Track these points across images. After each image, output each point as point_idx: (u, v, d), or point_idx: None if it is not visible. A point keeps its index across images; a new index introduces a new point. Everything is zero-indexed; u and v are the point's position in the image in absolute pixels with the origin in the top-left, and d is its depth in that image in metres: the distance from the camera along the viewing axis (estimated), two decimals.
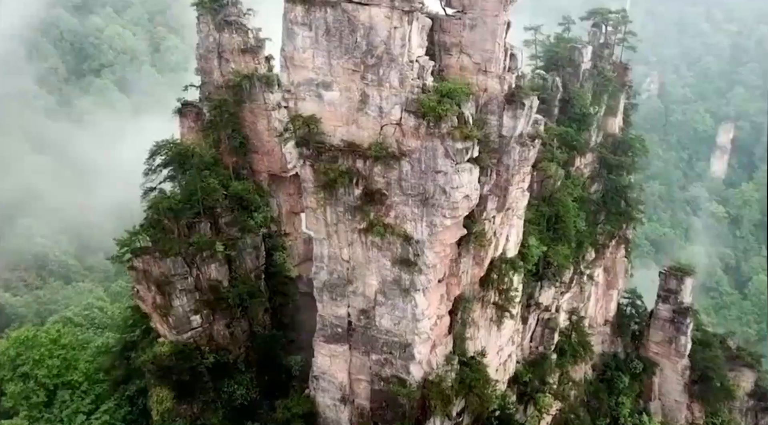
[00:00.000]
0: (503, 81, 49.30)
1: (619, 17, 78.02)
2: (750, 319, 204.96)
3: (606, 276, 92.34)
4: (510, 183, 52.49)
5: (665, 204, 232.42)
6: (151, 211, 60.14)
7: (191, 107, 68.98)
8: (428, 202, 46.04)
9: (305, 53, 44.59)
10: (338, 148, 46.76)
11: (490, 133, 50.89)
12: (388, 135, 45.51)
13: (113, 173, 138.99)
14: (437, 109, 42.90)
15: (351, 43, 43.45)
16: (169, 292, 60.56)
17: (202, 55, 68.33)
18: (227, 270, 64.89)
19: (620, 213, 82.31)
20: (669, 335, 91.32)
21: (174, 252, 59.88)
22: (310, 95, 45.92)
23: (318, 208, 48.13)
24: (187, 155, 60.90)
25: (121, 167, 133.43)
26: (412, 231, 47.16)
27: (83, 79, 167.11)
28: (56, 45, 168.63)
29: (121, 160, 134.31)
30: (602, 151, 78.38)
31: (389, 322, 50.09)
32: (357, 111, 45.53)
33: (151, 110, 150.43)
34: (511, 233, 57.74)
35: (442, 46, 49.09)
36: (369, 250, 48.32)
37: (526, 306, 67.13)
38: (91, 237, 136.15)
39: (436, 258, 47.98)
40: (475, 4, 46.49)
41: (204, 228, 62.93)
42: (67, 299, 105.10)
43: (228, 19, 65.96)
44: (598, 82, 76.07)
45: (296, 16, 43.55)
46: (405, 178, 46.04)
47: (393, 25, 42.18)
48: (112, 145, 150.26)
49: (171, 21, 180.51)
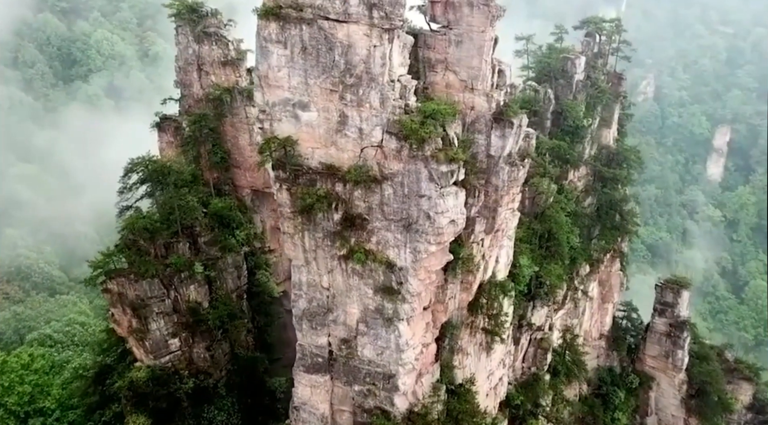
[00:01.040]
0: (491, 99, 47.02)
1: (613, 26, 75.68)
2: (747, 324, 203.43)
3: (601, 290, 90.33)
4: (499, 204, 50.18)
5: (661, 208, 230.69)
6: (125, 232, 57.76)
7: (170, 121, 66.64)
8: (412, 227, 43.69)
9: (280, 72, 42.20)
10: (316, 170, 44.39)
11: (478, 152, 48.67)
12: (368, 157, 43.16)
13: (100, 181, 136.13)
14: (420, 131, 40.57)
15: (328, 61, 41.08)
16: (145, 316, 58.33)
17: (182, 67, 66.03)
18: (207, 291, 62.70)
19: (615, 227, 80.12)
20: (666, 349, 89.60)
21: (150, 274, 57.64)
22: (286, 116, 43.52)
23: (296, 234, 45.75)
24: (163, 173, 58.45)
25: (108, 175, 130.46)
26: (395, 257, 44.78)
27: (70, 85, 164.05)
28: (43, 50, 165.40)
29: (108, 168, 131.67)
30: (596, 164, 76.11)
31: (372, 352, 47.72)
32: (336, 132, 43.16)
33: (139, 116, 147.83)
34: (501, 254, 55.47)
35: (427, 63, 46.81)
36: (350, 278, 45.95)
37: (517, 326, 64.93)
38: (76, 247, 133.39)
39: (420, 285, 45.64)
40: (461, 19, 44.22)
41: (182, 248, 60.67)
42: (49, 313, 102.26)
43: (207, 30, 63.61)
44: (591, 93, 73.85)
45: (270, 33, 41.16)
46: (387, 202, 43.67)
47: (372, 44, 39.85)
48: (100, 152, 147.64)
49: (160, 25, 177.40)
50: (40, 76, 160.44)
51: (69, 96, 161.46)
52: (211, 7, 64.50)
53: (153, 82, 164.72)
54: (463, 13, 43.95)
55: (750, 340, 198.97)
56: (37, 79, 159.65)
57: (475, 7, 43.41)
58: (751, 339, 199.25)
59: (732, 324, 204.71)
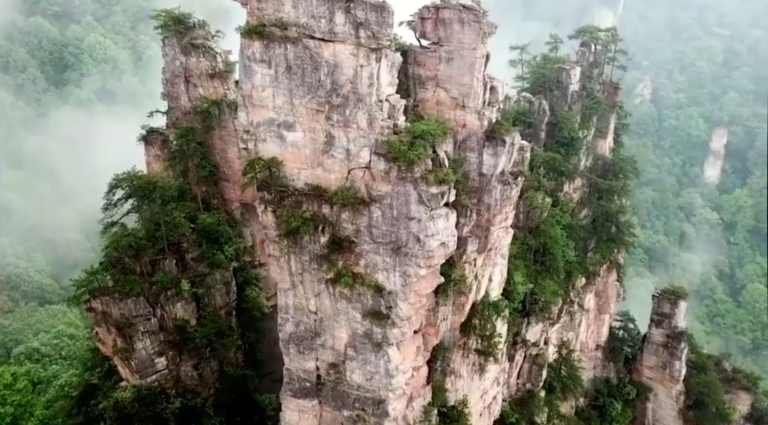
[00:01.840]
0: (482, 116, 45.77)
1: (608, 36, 74.39)
2: (745, 327, 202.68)
3: (597, 301, 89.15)
4: (492, 223, 48.93)
5: (659, 211, 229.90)
6: (110, 249, 56.39)
7: (157, 135, 65.17)
8: (401, 250, 42.44)
9: (264, 92, 40.93)
10: (302, 192, 43.16)
11: (470, 170, 47.45)
12: (356, 179, 41.90)
13: (92, 187, 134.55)
14: (408, 154, 39.30)
15: (314, 81, 39.83)
16: (130, 335, 56.98)
17: (169, 79, 64.55)
18: (195, 308, 61.35)
19: (611, 239, 78.83)
20: (663, 360, 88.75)
21: (135, 293, 56.32)
22: (271, 136, 42.27)
23: (281, 257, 44.48)
24: (148, 189, 57.06)
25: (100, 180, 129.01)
26: (383, 281, 43.53)
27: (62, 89, 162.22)
28: (34, 54, 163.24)
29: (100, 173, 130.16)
30: (592, 176, 74.81)
31: (361, 377, 46.48)
32: (322, 153, 41.90)
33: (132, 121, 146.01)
34: (494, 273, 54.22)
35: (417, 80, 45.53)
36: (337, 302, 44.68)
37: (512, 343, 63.71)
38: (67, 254, 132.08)
39: (410, 309, 44.40)
40: (451, 36, 42.94)
41: (169, 265, 59.32)
42: (38, 323, 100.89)
43: (195, 42, 62.09)
44: (587, 104, 72.56)
45: (254, 52, 39.90)
46: (375, 224, 42.42)
47: (359, 64, 38.59)
48: (92, 157, 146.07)
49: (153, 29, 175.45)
50: (31, 80, 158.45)
51: (61, 101, 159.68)
52: (199, 18, 63.02)
53: (146, 86, 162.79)
54: (453, 30, 42.68)
55: (747, 344, 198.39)
56: (28, 84, 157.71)
57: (465, 24, 42.15)
58: (749, 343, 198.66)
59: (729, 328, 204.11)
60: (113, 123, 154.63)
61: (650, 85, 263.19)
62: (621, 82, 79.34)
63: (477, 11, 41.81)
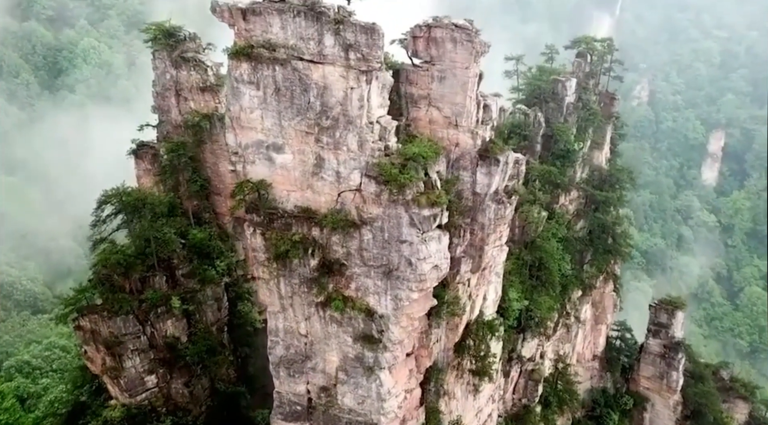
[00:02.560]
0: (476, 135, 45.00)
1: (604, 46, 73.58)
2: (742, 330, 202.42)
3: (594, 312, 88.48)
4: (486, 242, 48.14)
5: (656, 213, 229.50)
6: (98, 267, 55.49)
7: (147, 149, 64.10)
8: (392, 274, 41.63)
9: (253, 113, 40.13)
10: (292, 214, 42.36)
11: (463, 189, 46.69)
12: (346, 201, 41.10)
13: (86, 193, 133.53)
14: (399, 178, 38.49)
15: (303, 103, 39.04)
16: (119, 353, 56.01)
17: (159, 92, 63.44)
18: (185, 325, 60.35)
19: (607, 251, 78.09)
20: (660, 370, 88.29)
21: (125, 311, 55.35)
22: (259, 158, 41.50)
23: (271, 280, 43.73)
24: (137, 206, 56.16)
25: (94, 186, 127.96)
26: (375, 305, 42.72)
27: (56, 94, 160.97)
28: (28, 59, 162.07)
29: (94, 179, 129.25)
30: (588, 188, 74.02)
31: (352, 401, 45.66)
32: (312, 175, 41.11)
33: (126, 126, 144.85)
34: (488, 291, 53.44)
35: (409, 98, 44.73)
36: (328, 325, 43.87)
37: (507, 360, 62.96)
38: (61, 262, 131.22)
39: (402, 333, 43.60)
40: (443, 55, 42.13)
41: (159, 282, 58.32)
42: (30, 334, 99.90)
43: (185, 55, 60.97)
44: (582, 115, 71.77)
45: (242, 74, 39.07)
46: (366, 247, 41.59)
47: (349, 86, 37.78)
48: (86, 163, 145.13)
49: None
50: (25, 85, 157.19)
51: (55, 106, 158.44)
52: (189, 31, 62.02)
53: (140, 91, 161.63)
54: (446, 49, 41.88)
55: (745, 347, 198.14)
56: (21, 89, 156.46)
57: (458, 43, 41.34)
58: (746, 346, 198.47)
59: (727, 331, 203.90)
60: (107, 128, 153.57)
61: (647, 88, 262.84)
62: (617, 92, 78.54)
63: (469, 30, 40.99)
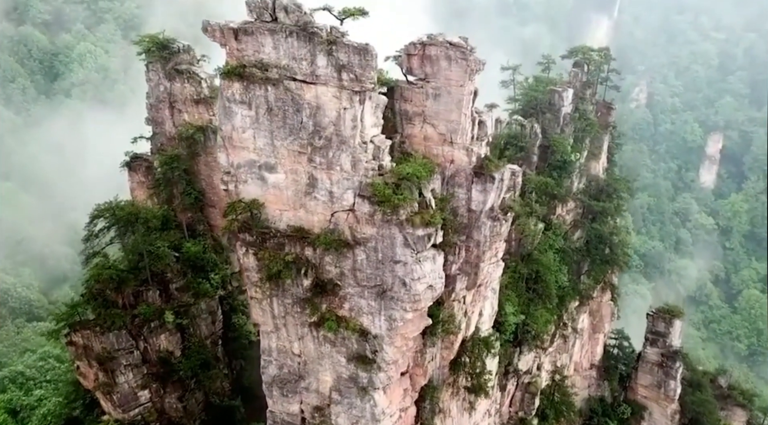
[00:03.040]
0: (471, 153, 44.49)
1: (601, 56, 73.07)
2: (740, 333, 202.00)
3: (591, 321, 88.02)
4: (481, 259, 47.69)
5: (654, 216, 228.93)
6: (91, 282, 55.09)
7: (141, 161, 63.84)
8: (386, 294, 41.19)
9: (245, 133, 39.64)
10: (285, 233, 41.87)
11: (458, 206, 46.21)
12: (340, 221, 40.63)
13: (82, 198, 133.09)
14: (393, 199, 38.03)
15: (296, 123, 38.56)
16: (112, 369, 55.91)
17: (153, 104, 63.15)
18: (179, 339, 60.24)
19: (605, 261, 77.60)
20: (658, 379, 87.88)
21: (117, 326, 55.12)
22: (252, 177, 41.00)
23: (264, 299, 43.25)
24: (130, 220, 55.74)
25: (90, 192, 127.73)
26: (369, 325, 42.29)
27: (53, 99, 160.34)
28: (24, 64, 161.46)
29: (90, 184, 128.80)
30: (584, 199, 73.53)
31: (346, 421, 45.23)
32: (305, 195, 40.64)
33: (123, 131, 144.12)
34: (484, 307, 52.97)
35: (404, 115, 44.23)
36: (321, 345, 43.43)
37: (504, 373, 62.49)
38: (57, 268, 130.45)
39: (397, 353, 43.17)
40: (438, 73, 41.63)
41: (152, 296, 58.16)
42: (24, 342, 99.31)
43: (179, 67, 60.66)
44: (579, 126, 71.26)
45: (234, 93, 38.58)
46: (360, 268, 41.15)
47: (342, 106, 37.31)
48: (82, 168, 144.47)
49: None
50: (21, 90, 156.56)
51: (51, 110, 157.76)
52: (183, 43, 61.62)
53: (136, 95, 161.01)
54: (440, 66, 41.41)
55: (743, 350, 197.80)
56: (17, 94, 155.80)
57: (453, 61, 40.86)
58: (745, 349, 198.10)
59: (725, 334, 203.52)
60: (104, 133, 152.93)
61: (645, 90, 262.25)
62: (615, 97, 77.99)
63: (464, 48, 40.51)
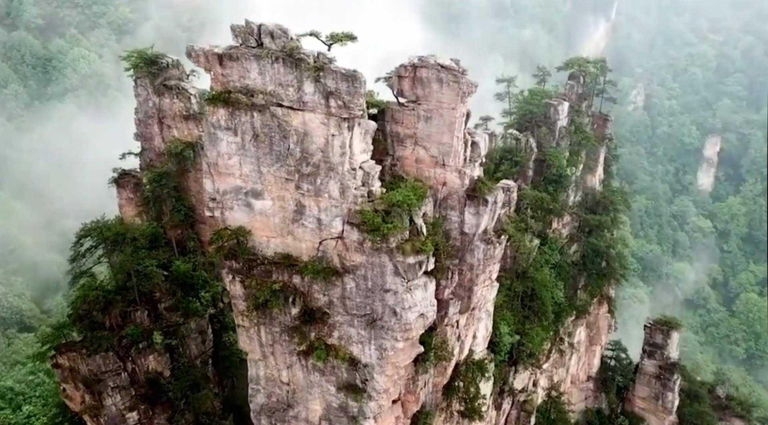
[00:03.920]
0: (463, 175, 43.52)
1: (597, 68, 72.04)
2: (738, 337, 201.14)
3: (588, 333, 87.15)
4: (475, 283, 46.70)
5: (652, 219, 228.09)
6: (77, 303, 54.02)
7: (129, 177, 62.76)
8: (376, 323, 40.18)
9: (231, 160, 38.60)
10: (272, 261, 40.81)
11: (451, 229, 45.24)
12: (328, 249, 39.58)
13: (75, 205, 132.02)
14: (383, 228, 36.97)
15: (283, 149, 37.54)
16: (99, 391, 54.86)
17: (141, 120, 62.19)
18: (168, 360, 59.12)
19: (601, 275, 76.62)
20: (655, 391, 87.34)
21: (104, 348, 54.01)
22: (238, 204, 39.96)
23: (251, 327, 42.26)
24: (117, 241, 54.63)
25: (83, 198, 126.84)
26: (359, 354, 41.27)
27: (46, 105, 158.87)
28: (17, 69, 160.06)
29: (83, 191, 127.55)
30: (580, 213, 72.49)
31: None
32: (292, 222, 39.59)
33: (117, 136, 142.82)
34: (479, 328, 51.98)
35: (395, 137, 43.22)
36: (310, 374, 42.43)
37: (499, 392, 61.47)
38: (50, 277, 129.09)
39: (388, 382, 42.16)
40: (429, 95, 40.62)
41: (140, 316, 57.11)
42: (15, 354, 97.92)
43: (168, 83, 59.67)
44: (575, 139, 70.24)
45: (219, 119, 37.53)
46: (349, 296, 40.14)
47: (330, 133, 36.27)
48: (76, 174, 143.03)
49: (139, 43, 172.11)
50: (13, 95, 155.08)
51: (44, 116, 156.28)
52: (172, 58, 60.56)
53: (130, 100, 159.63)
54: (432, 89, 40.39)
55: (741, 354, 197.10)
56: (10, 100, 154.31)
57: (444, 83, 39.84)
58: (743, 353, 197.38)
59: (723, 338, 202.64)
60: (98, 139, 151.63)
61: (643, 92, 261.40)
62: (610, 114, 77.02)
63: (456, 71, 39.49)
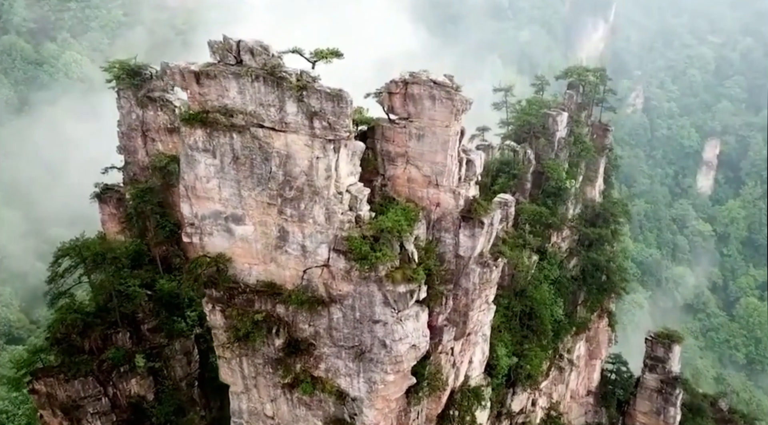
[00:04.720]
0: (458, 195, 41.23)
1: (596, 77, 69.72)
2: (738, 342, 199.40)
3: (588, 347, 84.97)
4: (470, 308, 44.42)
5: (651, 223, 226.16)
6: (54, 326, 51.69)
7: (112, 192, 60.37)
8: (365, 355, 37.89)
9: (209, 183, 36.24)
10: (254, 289, 38.45)
11: (445, 252, 42.93)
12: (313, 277, 37.23)
13: (64, 212, 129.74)
14: (371, 256, 34.60)
15: (264, 172, 35.19)
16: (78, 418, 52.66)
17: (125, 133, 59.91)
18: (152, 383, 56.74)
19: (602, 289, 74.30)
20: (657, 406, 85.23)
21: (83, 373, 51.68)
22: (218, 229, 37.59)
23: (233, 359, 39.91)
24: (96, 261, 52.26)
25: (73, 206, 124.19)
26: (347, 387, 38.98)
27: (37, 110, 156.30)
28: (8, 73, 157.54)
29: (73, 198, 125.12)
30: (580, 227, 70.12)
31: None
32: (275, 248, 37.24)
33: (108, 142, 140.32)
34: (475, 353, 49.66)
35: (386, 156, 40.93)
36: (296, 407, 40.15)
37: (497, 416, 59.18)
38: (39, 286, 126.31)
39: (378, 415, 39.83)
40: (422, 112, 38.33)
41: (122, 338, 54.77)
42: (2, 367, 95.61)
43: (152, 94, 57.33)
44: (574, 150, 67.92)
45: (196, 141, 35.16)
46: (336, 327, 37.83)
47: (315, 155, 33.94)
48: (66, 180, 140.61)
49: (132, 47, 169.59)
50: (4, 101, 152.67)
51: (35, 121, 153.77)
52: (156, 69, 58.13)
53: None
54: (424, 106, 38.09)
55: (741, 359, 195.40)
56: (0, 105, 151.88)
57: (437, 100, 37.54)
58: (743, 358, 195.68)
59: (723, 343, 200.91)
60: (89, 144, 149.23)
61: (642, 95, 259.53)
62: (610, 123, 74.74)
63: (449, 87, 37.19)
